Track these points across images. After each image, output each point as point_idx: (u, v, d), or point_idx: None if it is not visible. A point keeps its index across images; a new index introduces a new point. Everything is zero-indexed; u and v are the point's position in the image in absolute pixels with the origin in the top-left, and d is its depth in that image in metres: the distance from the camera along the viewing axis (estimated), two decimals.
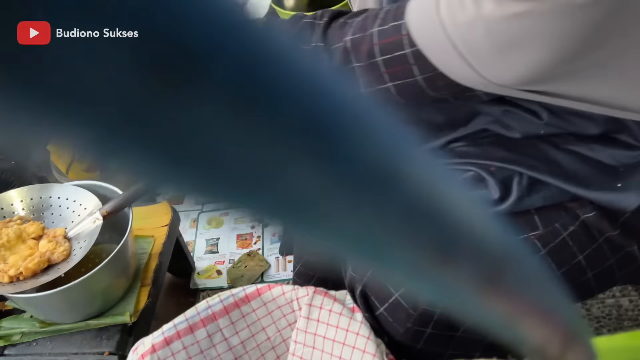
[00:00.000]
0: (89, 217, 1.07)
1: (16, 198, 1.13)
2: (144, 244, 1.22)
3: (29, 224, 1.08)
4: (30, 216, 1.12)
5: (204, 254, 1.52)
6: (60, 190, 1.14)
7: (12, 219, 1.09)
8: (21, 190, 1.13)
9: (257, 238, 1.53)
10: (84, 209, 1.11)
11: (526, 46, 0.50)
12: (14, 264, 1.00)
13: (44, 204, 1.13)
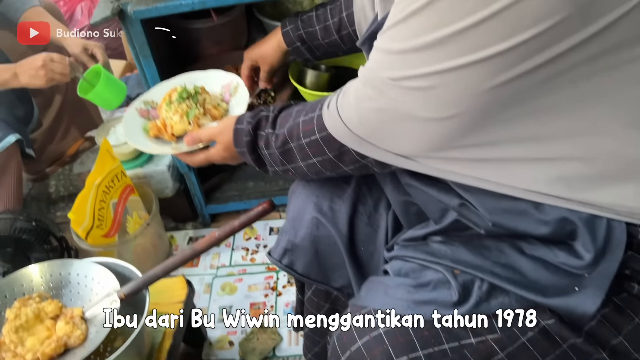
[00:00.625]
0: (107, 298, 1.08)
1: (36, 274, 1.15)
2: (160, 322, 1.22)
3: (47, 302, 1.10)
4: (49, 293, 1.14)
5: (217, 322, 1.52)
6: (79, 267, 1.15)
7: (32, 297, 1.11)
8: (42, 265, 1.15)
9: (271, 307, 1.53)
10: (102, 287, 1.13)
11: (396, 135, 0.68)
12: (31, 349, 1.01)
13: (63, 281, 1.15)
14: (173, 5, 1.25)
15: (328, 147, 0.78)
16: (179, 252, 1.06)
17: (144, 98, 1.19)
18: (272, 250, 1.10)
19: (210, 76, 1.20)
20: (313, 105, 0.81)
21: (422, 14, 0.57)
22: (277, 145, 0.84)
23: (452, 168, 0.70)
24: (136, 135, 1.12)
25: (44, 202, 2.01)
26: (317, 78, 1.41)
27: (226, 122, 0.94)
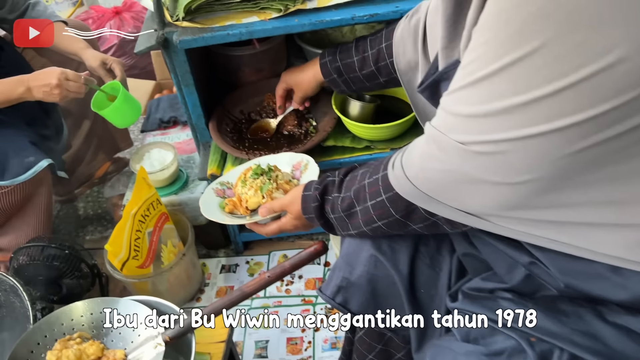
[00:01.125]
0: (151, 342, 1.04)
1: (77, 312, 1.11)
2: None
3: (88, 344, 1.06)
4: (90, 332, 1.10)
5: (253, 358, 1.47)
6: (121, 306, 1.12)
7: (72, 337, 1.07)
8: (83, 304, 1.12)
9: (308, 344, 1.48)
10: (145, 328, 1.09)
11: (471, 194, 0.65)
12: None
13: (104, 320, 1.11)
14: (220, 36, 1.22)
15: (394, 207, 0.78)
16: (227, 294, 1.01)
17: (220, 180, 1.28)
18: (323, 286, 1.05)
19: (280, 158, 1.27)
20: (377, 166, 0.82)
21: (494, 80, 0.55)
22: (343, 208, 0.85)
23: (526, 229, 0.67)
24: (213, 211, 1.19)
25: (73, 225, 1.98)
26: (361, 109, 1.37)
27: (296, 192, 0.97)
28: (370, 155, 1.38)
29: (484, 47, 0.56)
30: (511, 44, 0.52)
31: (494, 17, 0.54)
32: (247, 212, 1.16)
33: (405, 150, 0.75)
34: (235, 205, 1.18)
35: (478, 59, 0.56)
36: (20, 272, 1.55)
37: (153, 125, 1.89)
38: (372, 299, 0.97)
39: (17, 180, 1.44)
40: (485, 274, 0.86)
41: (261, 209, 1.07)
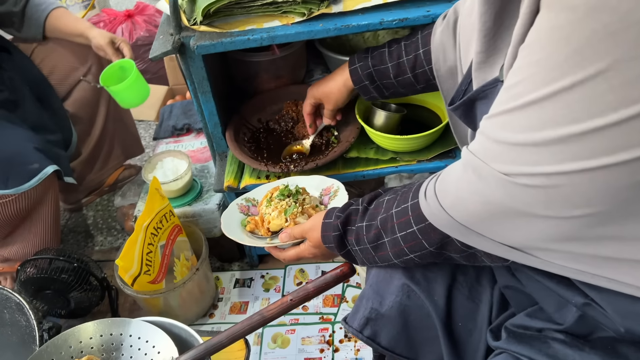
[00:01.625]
0: None
1: (86, 334, 1.04)
2: None
3: None
4: (100, 356, 1.03)
5: None
6: (132, 328, 1.05)
7: None
8: (92, 324, 1.05)
9: None
10: (157, 352, 1.02)
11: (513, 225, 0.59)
12: None
13: (114, 342, 1.04)
14: (240, 41, 1.15)
15: (428, 240, 0.72)
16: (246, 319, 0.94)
17: (246, 196, 1.22)
18: (349, 317, 0.97)
19: (310, 180, 1.21)
20: (405, 193, 0.76)
21: (546, 105, 0.49)
22: (369, 239, 0.80)
23: (579, 266, 0.60)
24: (233, 227, 1.15)
25: (82, 235, 1.92)
26: (386, 119, 1.30)
27: (316, 218, 0.91)
28: (396, 167, 1.31)
29: (533, 67, 0.50)
30: (569, 65, 0.46)
31: (547, 35, 0.48)
32: (268, 234, 1.10)
33: (438, 176, 0.69)
34: (256, 224, 1.13)
35: (527, 80, 0.50)
36: (27, 285, 1.49)
37: (166, 132, 1.83)
38: (404, 333, 0.89)
39: (21, 188, 1.38)
40: (531, 309, 0.79)
41: (282, 233, 1.01)
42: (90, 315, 1.62)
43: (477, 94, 0.69)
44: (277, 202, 1.10)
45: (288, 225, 1.06)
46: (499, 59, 0.66)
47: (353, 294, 1.57)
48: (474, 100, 0.71)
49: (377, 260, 0.82)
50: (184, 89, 2.35)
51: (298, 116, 1.45)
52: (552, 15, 0.47)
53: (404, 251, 0.76)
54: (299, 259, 0.99)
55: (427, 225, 0.70)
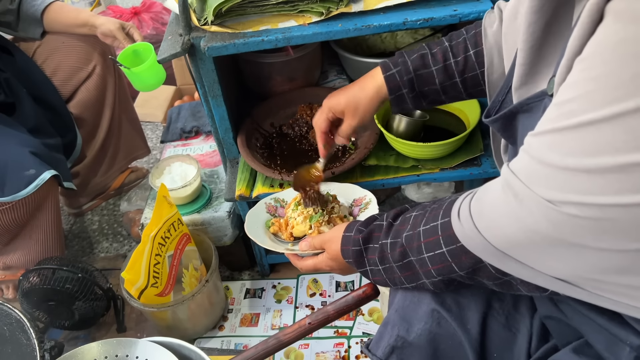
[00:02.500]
0: None
1: (90, 356, 0.98)
2: None
3: None
4: None
5: None
6: (139, 349, 0.98)
7: None
8: (96, 345, 0.99)
9: None
10: None
11: None
12: None
13: None
14: (254, 42, 1.08)
15: (458, 263, 0.66)
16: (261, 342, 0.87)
17: (276, 196, 1.19)
18: (372, 345, 0.90)
19: (343, 188, 1.16)
20: (434, 210, 0.70)
21: (604, 128, 0.43)
22: (395, 258, 0.74)
23: (634, 302, 0.53)
24: (256, 227, 1.11)
25: (86, 241, 1.86)
26: (408, 125, 1.23)
27: (337, 230, 0.86)
28: (418, 176, 1.24)
29: (592, 84, 0.44)
30: (636, 85, 0.40)
31: (611, 48, 0.42)
32: (290, 239, 1.07)
33: (474, 194, 0.63)
34: (280, 227, 1.10)
35: (582, 97, 0.44)
36: (29, 295, 1.43)
37: (174, 135, 1.76)
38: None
39: (18, 195, 1.32)
40: (577, 343, 0.71)
41: (302, 241, 0.95)
42: (95, 327, 1.55)
43: (519, 107, 0.63)
44: (303, 208, 1.06)
45: (312, 233, 1.02)
46: (546, 70, 0.60)
47: (369, 306, 1.50)
48: (515, 113, 0.64)
49: (404, 281, 0.76)
50: (193, 90, 2.28)
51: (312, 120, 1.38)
52: (620, 26, 0.41)
53: (431, 273, 0.70)
54: (316, 270, 0.93)
55: (458, 248, 0.64)
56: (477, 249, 0.62)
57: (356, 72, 1.43)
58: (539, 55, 0.60)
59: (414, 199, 1.68)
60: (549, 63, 0.59)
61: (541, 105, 0.58)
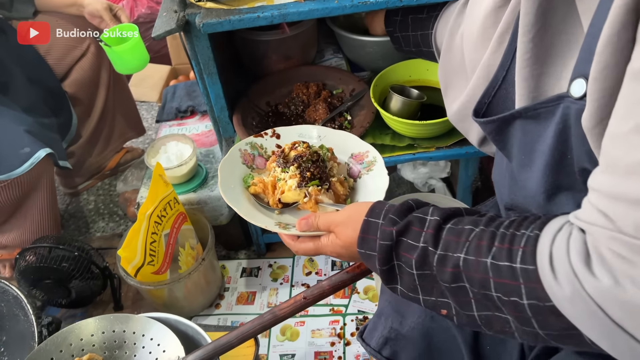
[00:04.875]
0: None
1: (87, 331, 0.99)
2: None
3: None
4: (102, 354, 0.98)
5: None
6: (136, 324, 0.99)
7: (82, 359, 0.95)
8: (93, 321, 0.99)
9: (339, 359, 1.35)
10: (163, 351, 0.97)
11: None
12: None
13: (117, 340, 0.99)
14: (249, 19, 1.07)
15: (542, 323, 0.52)
16: (257, 317, 0.88)
17: (253, 140, 0.97)
18: (366, 335, 0.91)
19: (340, 138, 0.96)
20: (504, 239, 0.55)
21: None
22: (444, 277, 0.58)
23: None
24: (232, 186, 0.89)
25: (82, 220, 1.86)
26: (403, 105, 1.22)
27: (353, 211, 0.70)
28: (413, 154, 1.24)
29: None
30: None
31: None
32: (277, 205, 0.88)
33: (568, 241, 0.49)
34: (265, 189, 0.89)
35: None
36: (26, 274, 1.43)
37: (169, 115, 1.76)
38: (427, 355, 0.83)
39: (13, 174, 1.32)
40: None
41: (300, 221, 0.77)
42: (92, 305, 1.56)
43: (525, 112, 0.58)
44: (296, 168, 0.86)
45: (306, 203, 0.85)
46: (560, 67, 0.55)
47: (364, 284, 1.51)
48: (515, 117, 0.60)
49: (461, 309, 0.59)
50: (188, 69, 2.26)
51: (309, 99, 1.37)
52: None
53: (501, 311, 0.55)
54: (317, 254, 0.79)
55: (548, 308, 0.50)
56: (578, 318, 0.48)
57: (352, 51, 1.42)
58: (546, 52, 0.56)
59: (410, 179, 1.68)
60: (563, 58, 0.55)
61: (557, 110, 0.54)
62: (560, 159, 0.56)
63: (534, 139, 0.59)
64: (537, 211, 0.67)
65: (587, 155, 0.51)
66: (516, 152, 0.64)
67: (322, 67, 1.45)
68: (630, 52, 0.44)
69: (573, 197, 0.59)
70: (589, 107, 0.48)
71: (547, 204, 0.62)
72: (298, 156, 0.88)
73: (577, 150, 0.53)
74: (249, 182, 0.92)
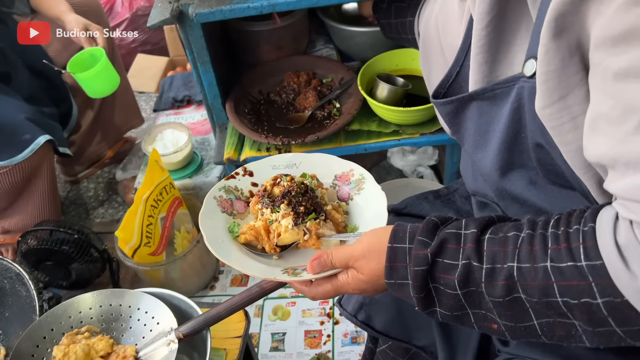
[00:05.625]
0: (163, 338, 0.97)
1: (85, 305, 1.04)
2: (215, 358, 1.12)
3: (97, 339, 0.99)
4: (99, 326, 1.03)
5: (269, 351, 1.40)
6: (131, 298, 1.05)
7: (80, 331, 1.01)
8: (91, 295, 1.05)
9: (327, 337, 1.41)
10: (157, 323, 1.02)
11: None
12: None
13: (113, 313, 1.04)
14: (240, 9, 1.12)
15: (621, 320, 0.48)
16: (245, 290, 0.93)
17: (226, 184, 0.87)
18: (344, 301, 0.97)
19: (317, 161, 0.88)
20: (557, 238, 0.51)
21: None
22: (493, 292, 0.53)
23: None
24: (220, 240, 0.80)
25: (82, 207, 1.92)
26: (389, 92, 1.27)
27: (372, 240, 0.63)
28: (399, 140, 1.29)
29: None
30: None
31: None
32: (274, 250, 0.80)
33: (634, 223, 0.47)
34: (257, 236, 0.80)
35: None
36: (28, 256, 1.49)
37: (166, 104, 1.81)
38: (398, 317, 0.89)
39: (14, 160, 1.37)
40: None
41: (311, 263, 0.68)
42: (92, 287, 1.62)
43: (482, 92, 0.61)
44: (287, 205, 0.78)
45: (308, 240, 0.77)
46: (513, 54, 0.59)
47: None
48: (473, 99, 0.63)
49: (513, 323, 0.55)
50: (185, 61, 2.31)
51: (299, 87, 1.42)
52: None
53: (568, 317, 0.51)
54: (337, 295, 0.70)
55: (625, 303, 0.47)
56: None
57: (342, 42, 1.47)
58: (501, 35, 0.59)
59: (399, 167, 1.74)
60: (518, 41, 0.58)
61: (512, 91, 0.57)
62: (514, 137, 0.60)
63: (489, 119, 0.63)
64: (493, 193, 0.71)
65: (540, 130, 0.55)
66: (472, 134, 0.68)
67: (313, 56, 1.50)
68: (569, 41, 0.48)
69: (525, 174, 0.64)
70: (538, 89, 0.52)
71: (500, 180, 0.66)
72: (286, 192, 0.80)
73: (530, 127, 0.57)
74: (236, 231, 0.82)
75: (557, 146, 0.53)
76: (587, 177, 0.54)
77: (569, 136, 0.51)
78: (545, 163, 0.58)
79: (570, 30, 0.48)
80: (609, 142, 0.46)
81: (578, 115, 0.50)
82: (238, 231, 0.82)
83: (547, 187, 0.62)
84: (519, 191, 0.65)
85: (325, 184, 0.86)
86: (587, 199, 0.57)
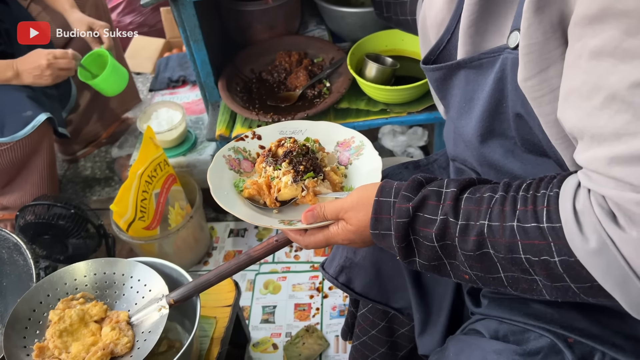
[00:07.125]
0: (155, 304, 1.02)
1: (80, 272, 1.08)
2: (206, 326, 1.16)
3: (91, 305, 1.03)
4: (94, 293, 1.07)
5: (260, 323, 1.45)
6: (125, 267, 1.09)
7: (75, 297, 1.05)
8: (86, 264, 1.09)
9: (316, 310, 1.46)
10: (149, 290, 1.06)
11: None
12: (77, 356, 0.95)
13: (107, 281, 1.08)
14: None
15: (574, 276, 0.53)
16: (234, 258, 0.97)
17: (235, 145, 0.94)
18: (326, 264, 1.01)
19: (322, 128, 0.95)
20: (525, 201, 0.56)
21: None
22: (465, 246, 0.58)
23: None
24: (225, 192, 0.87)
25: (80, 185, 1.95)
26: (378, 72, 1.30)
27: (361, 194, 0.68)
28: (386, 119, 1.32)
29: None
30: None
31: None
32: (275, 204, 0.85)
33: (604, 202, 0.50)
34: (259, 191, 0.86)
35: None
36: (26, 230, 1.53)
37: (162, 84, 1.84)
38: (376, 280, 0.93)
39: (16, 136, 1.41)
40: None
41: (306, 214, 0.74)
42: None
43: (469, 61, 0.64)
44: (288, 164, 0.84)
45: (305, 196, 0.82)
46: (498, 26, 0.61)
47: None
48: (461, 67, 0.66)
49: (470, 269, 0.60)
50: (181, 42, 2.34)
51: (291, 67, 1.45)
52: None
53: (528, 281, 0.57)
54: (328, 245, 0.75)
55: (577, 262, 0.51)
56: (599, 270, 0.50)
57: (333, 22, 1.50)
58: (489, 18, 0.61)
59: (390, 147, 1.77)
60: (505, 14, 0.60)
61: (497, 61, 0.59)
62: (496, 106, 0.63)
63: (475, 87, 0.66)
64: (473, 159, 0.75)
65: (521, 101, 0.58)
66: (458, 100, 0.71)
67: (304, 37, 1.53)
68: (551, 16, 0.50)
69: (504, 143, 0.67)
70: (520, 60, 0.54)
71: (480, 146, 0.70)
72: (288, 152, 0.86)
73: (512, 97, 0.60)
74: (241, 186, 0.89)
75: (537, 117, 0.56)
76: (563, 147, 0.57)
77: (548, 107, 0.55)
78: (524, 132, 0.62)
79: (552, 6, 0.51)
80: (578, 114, 0.50)
81: (557, 87, 0.53)
82: (242, 186, 0.89)
83: (523, 155, 0.66)
84: (496, 158, 0.69)
85: (328, 150, 0.93)
86: (562, 167, 0.61)
